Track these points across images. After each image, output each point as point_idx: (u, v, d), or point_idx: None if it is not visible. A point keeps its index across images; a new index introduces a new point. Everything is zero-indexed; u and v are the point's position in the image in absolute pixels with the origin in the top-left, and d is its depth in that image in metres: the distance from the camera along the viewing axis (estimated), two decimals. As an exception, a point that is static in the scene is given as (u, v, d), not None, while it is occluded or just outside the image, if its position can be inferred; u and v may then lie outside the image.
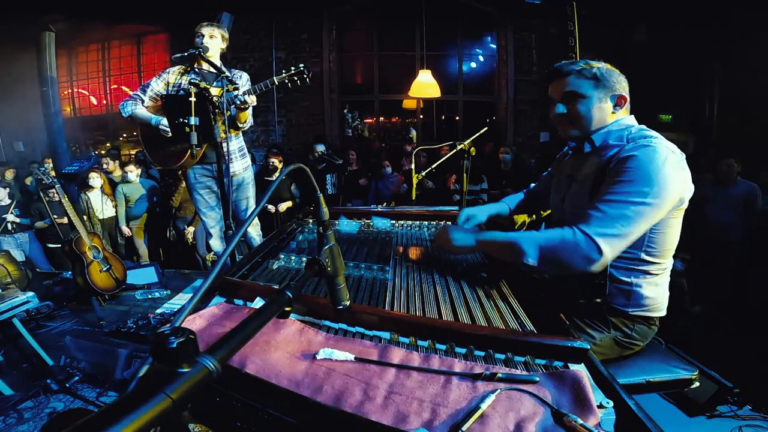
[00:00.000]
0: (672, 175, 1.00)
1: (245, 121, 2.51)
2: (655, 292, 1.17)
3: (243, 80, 2.59)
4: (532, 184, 1.71)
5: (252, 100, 2.34)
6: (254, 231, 3.03)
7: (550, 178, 1.53)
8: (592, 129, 1.19)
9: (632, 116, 1.21)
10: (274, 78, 2.31)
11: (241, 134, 2.74)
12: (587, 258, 1.00)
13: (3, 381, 2.04)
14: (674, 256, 1.18)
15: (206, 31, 2.47)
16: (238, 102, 2.28)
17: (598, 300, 1.18)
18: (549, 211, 1.59)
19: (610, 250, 1.00)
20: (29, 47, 4.94)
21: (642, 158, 1.01)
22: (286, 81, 2.33)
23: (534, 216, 1.74)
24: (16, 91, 5.94)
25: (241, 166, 2.74)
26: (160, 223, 4.55)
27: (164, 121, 2.42)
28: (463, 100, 6.24)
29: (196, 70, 2.54)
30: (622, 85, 1.17)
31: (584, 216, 1.03)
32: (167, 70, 2.59)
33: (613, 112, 1.17)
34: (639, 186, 0.99)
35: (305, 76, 2.30)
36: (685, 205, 1.09)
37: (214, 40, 2.49)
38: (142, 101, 2.53)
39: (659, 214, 1.02)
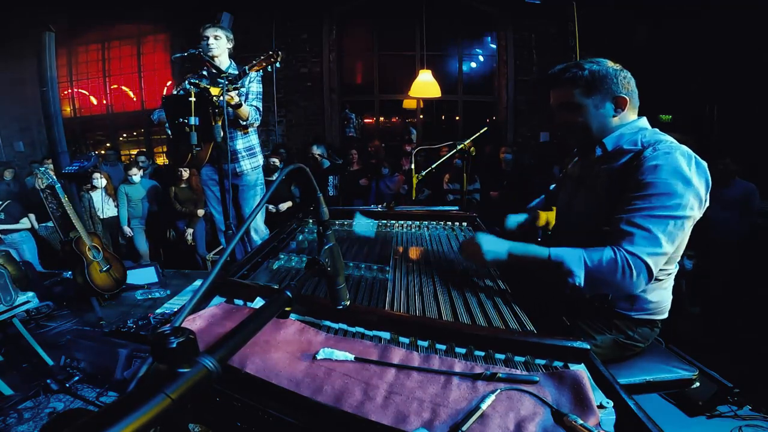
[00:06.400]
0: (700, 181, 0.99)
1: (247, 118, 2.48)
2: (660, 296, 1.16)
3: (248, 78, 2.54)
4: (552, 186, 1.67)
5: (231, 97, 2.26)
6: (257, 237, 2.97)
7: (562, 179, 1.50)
8: (595, 136, 1.14)
9: (644, 118, 1.14)
10: (245, 68, 2.27)
11: (251, 134, 2.70)
12: (637, 280, 0.97)
13: (3, 381, 2.04)
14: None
15: (210, 33, 2.47)
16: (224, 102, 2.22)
17: (602, 304, 1.17)
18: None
19: (656, 268, 0.98)
20: (29, 47, 4.93)
21: (670, 167, 0.97)
22: (256, 68, 2.28)
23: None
24: (16, 91, 5.94)
25: (249, 166, 2.72)
26: (160, 223, 4.55)
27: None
28: (463, 100, 6.23)
29: (203, 73, 2.55)
30: (622, 84, 1.09)
31: (625, 234, 0.98)
32: (186, 77, 2.61)
33: (614, 116, 1.11)
34: (675, 198, 0.96)
35: (273, 60, 2.26)
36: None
37: (219, 41, 2.50)
38: None
39: (694, 222, 1.00)
